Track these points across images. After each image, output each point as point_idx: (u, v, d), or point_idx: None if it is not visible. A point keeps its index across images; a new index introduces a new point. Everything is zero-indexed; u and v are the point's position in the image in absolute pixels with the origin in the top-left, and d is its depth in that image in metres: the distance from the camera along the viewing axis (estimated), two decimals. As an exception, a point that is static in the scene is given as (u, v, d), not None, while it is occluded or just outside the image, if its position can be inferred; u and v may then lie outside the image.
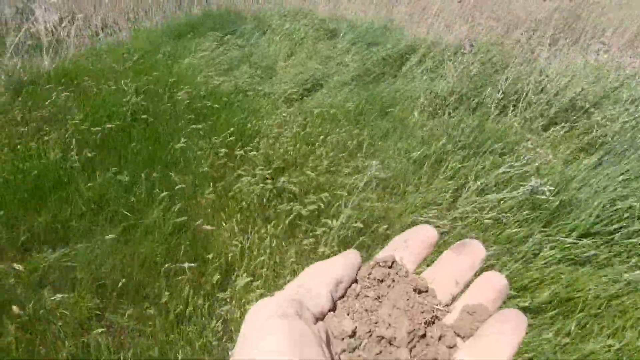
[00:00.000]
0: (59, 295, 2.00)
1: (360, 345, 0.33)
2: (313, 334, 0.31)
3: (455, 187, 2.73)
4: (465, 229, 2.48)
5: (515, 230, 2.42)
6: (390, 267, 0.37)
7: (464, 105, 3.57)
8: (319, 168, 2.81)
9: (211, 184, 2.74)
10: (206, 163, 2.88)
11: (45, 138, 3.08)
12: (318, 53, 4.49)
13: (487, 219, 2.50)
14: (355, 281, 0.37)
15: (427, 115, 3.53)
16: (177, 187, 2.56)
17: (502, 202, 2.59)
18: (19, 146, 2.99)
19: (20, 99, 3.61)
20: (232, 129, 3.17)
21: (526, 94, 3.44)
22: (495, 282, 0.37)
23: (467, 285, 0.39)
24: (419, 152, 2.94)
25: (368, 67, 4.29)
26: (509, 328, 0.33)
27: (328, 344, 0.32)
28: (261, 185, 2.66)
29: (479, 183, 2.54)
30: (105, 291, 2.13)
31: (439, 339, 0.34)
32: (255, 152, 3.00)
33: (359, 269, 0.38)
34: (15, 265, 2.23)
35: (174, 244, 2.34)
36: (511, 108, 3.47)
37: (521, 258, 2.27)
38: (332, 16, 6.41)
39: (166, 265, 2.14)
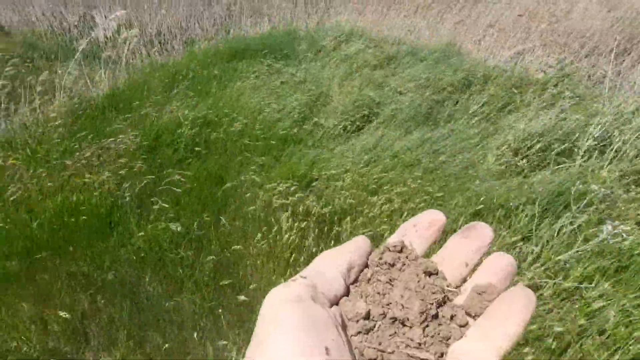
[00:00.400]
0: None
1: (374, 326, 0.34)
2: (329, 316, 0.31)
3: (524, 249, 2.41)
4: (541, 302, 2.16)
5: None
6: (400, 252, 0.38)
7: (547, 152, 3.20)
8: (377, 220, 2.56)
9: (261, 229, 2.55)
10: (258, 206, 2.69)
11: (99, 171, 3.00)
12: (375, 80, 4.23)
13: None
14: (367, 266, 0.38)
15: (503, 161, 3.20)
16: (230, 248, 2.37)
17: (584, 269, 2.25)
18: (71, 178, 2.91)
19: (77, 125, 3.58)
20: (285, 169, 2.98)
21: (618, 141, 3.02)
22: (503, 262, 0.37)
23: (476, 267, 0.38)
24: (482, 205, 2.63)
25: (429, 95, 3.99)
26: (518, 305, 0.32)
27: (343, 326, 0.33)
28: (312, 234, 2.45)
29: (558, 258, 2.21)
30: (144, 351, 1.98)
31: (451, 318, 0.35)
32: (311, 199, 2.79)
33: (369, 255, 0.38)
34: (61, 313, 2.12)
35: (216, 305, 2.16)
36: (597, 156, 3.07)
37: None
38: (379, 33, 6.13)
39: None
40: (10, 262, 2.19)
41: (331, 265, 0.36)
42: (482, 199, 2.58)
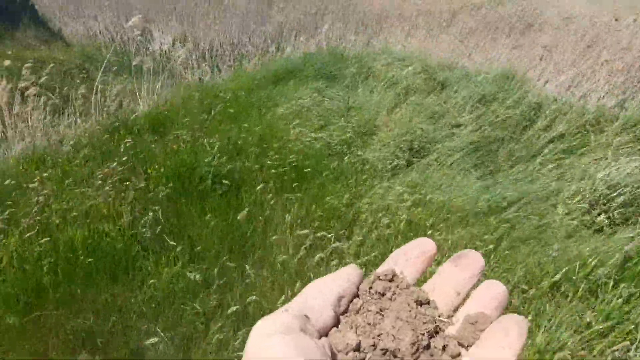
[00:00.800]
0: None
1: (364, 358, 0.32)
2: (317, 347, 0.29)
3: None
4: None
5: None
6: (390, 281, 0.36)
7: (634, 207, 2.64)
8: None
9: (294, 283, 2.16)
10: (288, 254, 2.31)
11: (122, 198, 2.72)
12: (426, 109, 3.78)
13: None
14: (357, 296, 0.36)
15: (577, 215, 2.66)
16: (248, 299, 1.98)
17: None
18: (92, 206, 2.64)
19: (109, 145, 3.35)
20: (320, 209, 2.58)
21: None
22: (495, 291, 0.35)
23: (467, 295, 0.36)
24: (560, 274, 2.11)
25: (485, 130, 3.49)
26: (511, 334, 0.31)
27: (333, 358, 0.31)
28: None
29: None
30: None
31: (443, 349, 0.33)
32: (348, 244, 2.37)
33: (359, 284, 0.36)
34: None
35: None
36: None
37: None
38: (430, 56, 5.68)
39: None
40: (10, 317, 1.90)
41: (321, 295, 0.34)
42: (562, 268, 2.06)
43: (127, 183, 2.84)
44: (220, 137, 3.19)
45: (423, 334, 0.33)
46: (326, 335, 0.33)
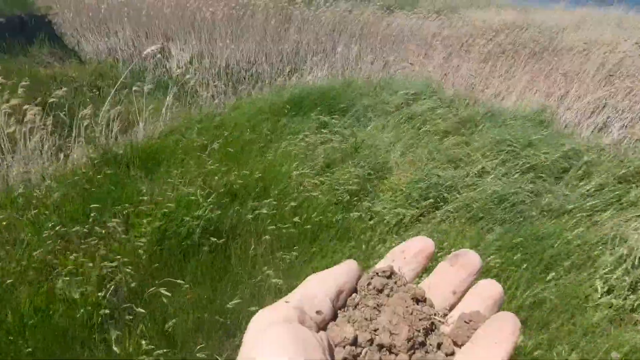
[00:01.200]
0: None
1: (361, 352, 0.32)
2: (316, 340, 0.29)
3: None
4: None
5: None
6: (389, 277, 0.36)
7: None
8: None
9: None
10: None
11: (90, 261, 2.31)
12: (445, 150, 3.33)
13: None
14: (356, 291, 0.35)
15: (621, 293, 2.17)
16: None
17: None
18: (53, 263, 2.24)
19: (94, 183, 2.97)
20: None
21: None
22: (490, 290, 0.35)
23: (464, 294, 0.35)
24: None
25: (512, 178, 3.01)
26: (504, 332, 0.30)
27: (330, 352, 0.31)
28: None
29: None
30: None
31: (438, 346, 0.33)
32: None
33: (359, 279, 0.36)
34: None
35: None
36: None
37: None
38: (448, 86, 5.24)
39: None
40: None
41: (320, 288, 0.33)
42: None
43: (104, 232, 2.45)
44: (215, 182, 2.78)
45: (419, 331, 0.32)
46: (324, 328, 0.32)
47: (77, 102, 5.57)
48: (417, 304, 0.34)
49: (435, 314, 0.35)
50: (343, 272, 0.35)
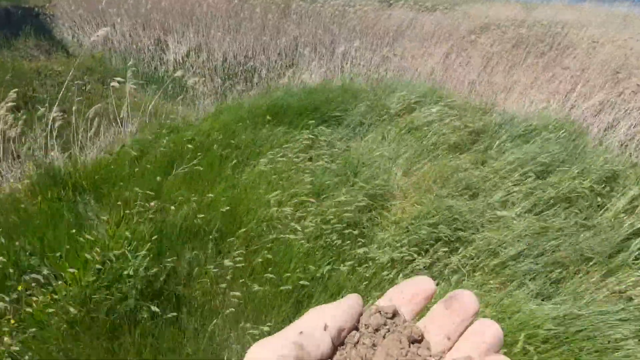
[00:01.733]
0: None
1: None
2: None
3: None
4: None
5: None
6: (391, 318, 0.34)
7: None
8: None
9: None
10: None
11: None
12: (457, 170, 2.65)
13: None
14: (356, 328, 0.34)
15: None
16: None
17: None
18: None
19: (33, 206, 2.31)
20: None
21: None
22: (487, 333, 0.32)
23: (458, 339, 0.33)
24: None
25: (543, 211, 2.34)
26: None
27: None
28: None
29: None
30: None
31: None
32: None
33: (360, 315, 0.34)
34: None
35: None
36: None
37: None
38: (451, 85, 4.56)
39: None
40: None
41: (321, 324, 0.31)
42: None
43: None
44: (170, 217, 2.12)
45: None
46: None
47: (60, 98, 4.90)
48: (413, 345, 0.33)
49: (430, 356, 0.33)
50: (345, 308, 0.33)
